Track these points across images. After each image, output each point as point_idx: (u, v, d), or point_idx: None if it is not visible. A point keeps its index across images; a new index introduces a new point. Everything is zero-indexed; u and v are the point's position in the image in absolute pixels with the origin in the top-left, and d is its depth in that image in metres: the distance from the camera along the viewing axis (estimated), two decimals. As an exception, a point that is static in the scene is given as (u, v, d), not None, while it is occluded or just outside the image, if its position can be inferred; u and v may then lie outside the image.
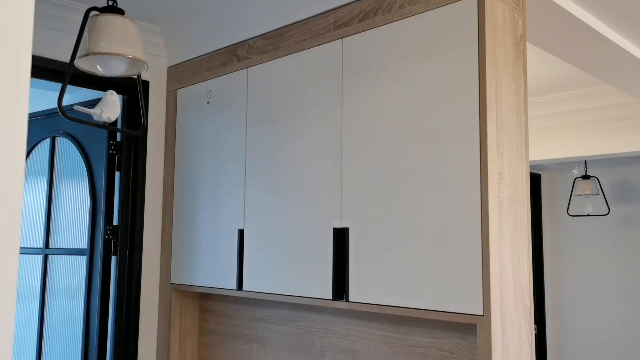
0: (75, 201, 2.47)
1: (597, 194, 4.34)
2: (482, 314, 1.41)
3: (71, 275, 2.47)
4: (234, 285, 2.06)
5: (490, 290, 1.40)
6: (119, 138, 2.36)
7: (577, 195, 4.43)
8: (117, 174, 2.37)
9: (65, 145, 2.52)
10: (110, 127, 1.60)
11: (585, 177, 4.32)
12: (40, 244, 2.56)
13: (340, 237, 1.75)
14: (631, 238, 4.49)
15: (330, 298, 1.74)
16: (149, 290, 2.39)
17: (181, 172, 2.38)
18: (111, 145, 2.34)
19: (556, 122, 3.90)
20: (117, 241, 2.33)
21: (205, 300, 2.42)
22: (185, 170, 2.36)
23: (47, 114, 2.58)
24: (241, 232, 2.07)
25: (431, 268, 1.51)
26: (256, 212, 2.01)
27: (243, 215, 2.07)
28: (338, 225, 1.75)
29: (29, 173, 2.69)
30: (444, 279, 1.48)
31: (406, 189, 1.59)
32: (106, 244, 2.32)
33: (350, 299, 1.69)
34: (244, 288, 2.02)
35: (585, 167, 4.44)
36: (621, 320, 4.75)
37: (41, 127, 2.62)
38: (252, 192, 2.04)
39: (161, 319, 2.38)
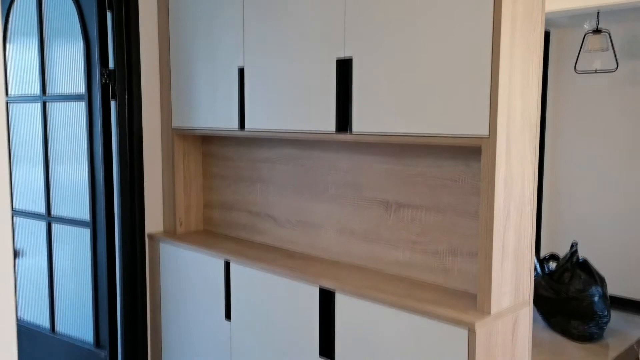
0: (68, 46, 2.38)
1: (606, 50, 4.20)
2: (487, 134, 1.39)
3: (72, 123, 2.45)
4: (236, 125, 2.04)
5: (498, 110, 1.37)
6: (107, -26, 2.22)
7: (585, 51, 4.29)
8: (108, 14, 2.26)
9: (51, -14, 2.38)
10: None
11: (596, 31, 4.16)
12: (37, 91, 2.51)
13: (344, 68, 1.69)
14: (638, 94, 4.43)
15: (334, 131, 1.72)
16: (151, 135, 2.38)
17: (176, 10, 2.26)
18: (100, -17, 2.20)
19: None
20: (115, 85, 2.28)
21: (207, 145, 2.42)
22: (180, 8, 2.24)
23: (29, -49, 2.41)
24: (241, 71, 2.01)
25: (438, 90, 1.47)
26: (256, 49, 1.94)
27: (242, 53, 1.99)
28: (341, 56, 1.68)
29: (17, 32, 2.57)
30: (451, 101, 1.45)
31: (414, 7, 1.51)
32: (104, 88, 2.27)
33: (353, 131, 1.67)
34: (246, 127, 2.00)
35: (597, 20, 4.25)
36: (623, 179, 4.83)
37: (24, -34, 2.45)
38: (251, 28, 1.95)
39: (165, 165, 2.40)
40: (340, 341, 1.68)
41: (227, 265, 2.05)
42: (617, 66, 4.33)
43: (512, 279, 1.49)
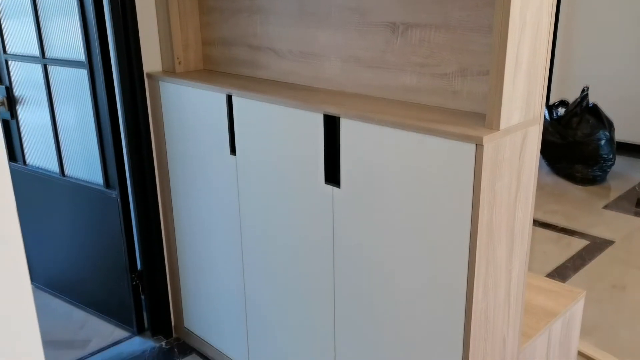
0: None
1: None
2: None
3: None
4: (230, -53, 1.87)
5: None
6: None
7: None
8: None
9: None
10: None
11: None
12: None
13: None
14: None
15: (336, -57, 1.57)
16: (140, -34, 2.21)
17: None
18: None
19: None
20: None
21: (201, -24, 2.25)
22: None
23: None
24: None
25: None
26: None
27: None
28: None
29: None
30: None
31: None
32: None
33: (358, -59, 1.52)
34: (241, -52, 1.84)
35: None
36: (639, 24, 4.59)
37: None
38: None
39: (158, 1, 2.26)
40: (346, 166, 1.68)
41: (229, 100, 2.00)
42: None
43: (524, 96, 1.44)
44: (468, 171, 1.38)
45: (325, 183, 1.76)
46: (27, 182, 2.85)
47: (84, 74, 2.38)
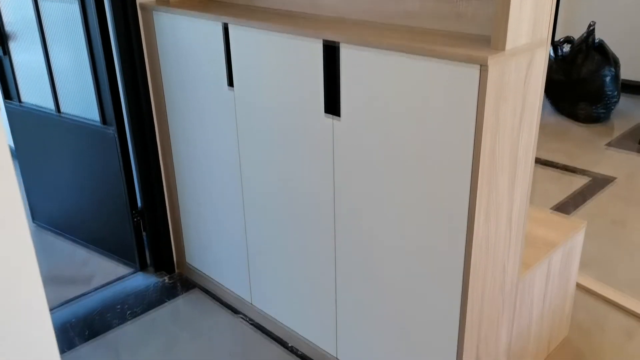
0: None
1: None
2: None
3: None
4: None
5: None
6: None
7: None
8: None
9: None
10: None
11: None
12: None
13: None
14: None
15: None
16: None
17: None
18: None
19: None
20: None
21: None
22: None
23: None
24: None
25: None
26: None
27: None
28: None
29: None
30: None
31: None
32: None
33: None
34: None
35: None
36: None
37: None
38: None
39: None
40: (346, 96, 1.64)
41: (226, 30, 1.94)
42: None
43: (531, 15, 1.38)
44: (472, 94, 1.34)
45: (325, 114, 1.72)
46: (23, 120, 2.81)
47: (75, 8, 2.30)
